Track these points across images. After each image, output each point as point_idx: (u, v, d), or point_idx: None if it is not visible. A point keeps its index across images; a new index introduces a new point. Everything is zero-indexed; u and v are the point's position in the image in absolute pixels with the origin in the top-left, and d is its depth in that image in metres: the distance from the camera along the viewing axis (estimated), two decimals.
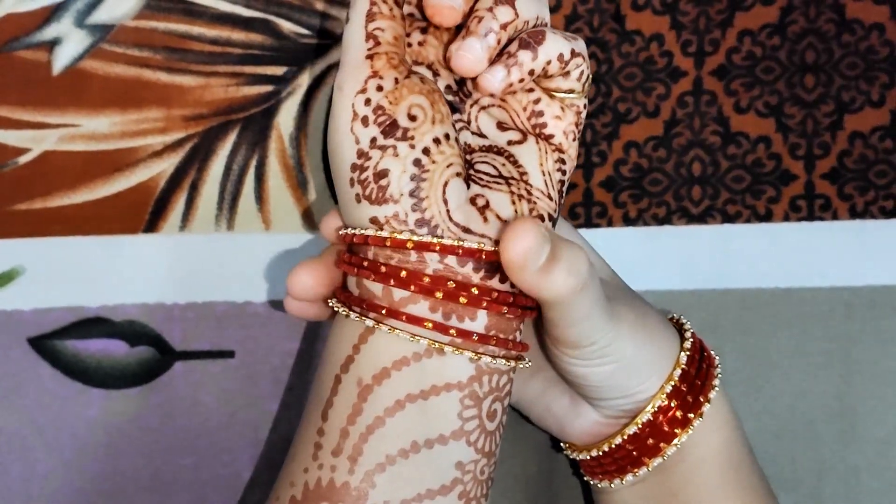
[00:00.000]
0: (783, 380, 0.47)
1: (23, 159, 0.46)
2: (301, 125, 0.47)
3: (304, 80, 0.47)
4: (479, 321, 0.33)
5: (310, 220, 0.47)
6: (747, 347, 0.47)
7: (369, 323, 0.33)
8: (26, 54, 0.45)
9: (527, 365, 0.35)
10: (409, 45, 0.35)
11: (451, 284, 0.32)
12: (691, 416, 0.37)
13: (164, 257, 0.46)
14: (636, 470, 0.38)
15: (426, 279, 0.32)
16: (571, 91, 0.36)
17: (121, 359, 0.46)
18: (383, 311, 0.33)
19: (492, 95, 0.35)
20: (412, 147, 0.33)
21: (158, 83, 0.46)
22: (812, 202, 0.48)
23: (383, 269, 0.33)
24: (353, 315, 0.34)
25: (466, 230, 0.33)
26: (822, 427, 0.47)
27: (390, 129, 0.33)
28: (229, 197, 0.47)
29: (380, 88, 0.33)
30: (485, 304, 0.33)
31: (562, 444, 0.42)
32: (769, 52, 0.48)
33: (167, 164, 0.46)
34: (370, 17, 0.33)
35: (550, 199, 0.35)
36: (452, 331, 0.33)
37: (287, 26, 0.47)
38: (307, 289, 0.37)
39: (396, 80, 0.33)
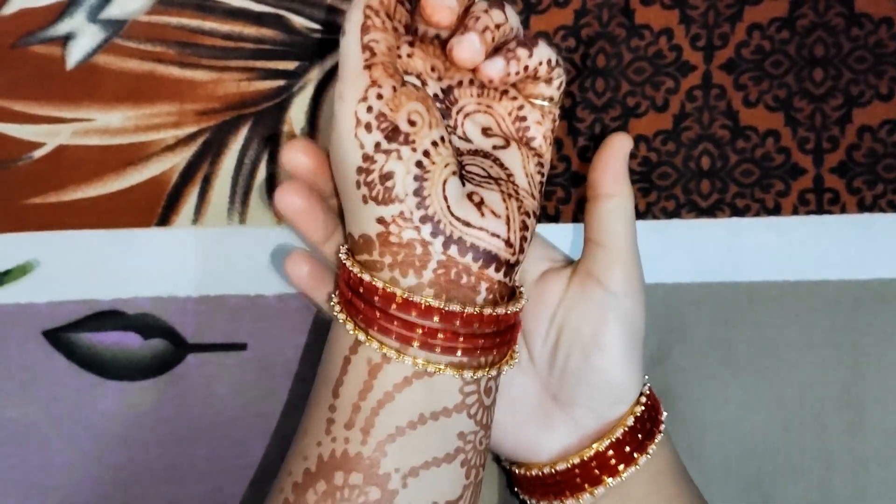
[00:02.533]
0: (792, 371, 0.47)
1: (37, 153, 0.46)
2: (312, 119, 0.47)
3: (315, 75, 0.47)
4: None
5: None
6: (756, 340, 0.47)
7: (361, 337, 0.36)
8: (40, 49, 0.46)
9: (516, 360, 0.38)
10: (399, 56, 0.38)
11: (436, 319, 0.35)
12: (637, 455, 0.40)
13: (177, 250, 0.46)
14: (579, 496, 0.40)
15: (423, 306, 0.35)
16: (551, 99, 0.39)
17: (135, 351, 0.46)
18: (378, 315, 0.36)
19: (490, 83, 0.38)
20: (414, 150, 0.35)
21: (171, 78, 0.46)
22: (821, 196, 0.48)
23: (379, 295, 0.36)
24: (349, 325, 0.37)
25: (466, 223, 0.36)
26: (830, 418, 0.47)
27: (393, 134, 0.35)
28: (241, 191, 0.47)
29: (380, 97, 0.35)
30: (462, 341, 0.36)
31: (504, 462, 0.43)
32: (778, 46, 0.48)
33: (180, 159, 0.47)
34: (365, 29, 0.35)
35: (534, 197, 0.38)
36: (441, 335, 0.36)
37: (298, 21, 0.47)
38: (301, 165, 0.39)
39: (394, 88, 0.35)
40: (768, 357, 0.47)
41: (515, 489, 0.44)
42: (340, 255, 0.37)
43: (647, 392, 0.41)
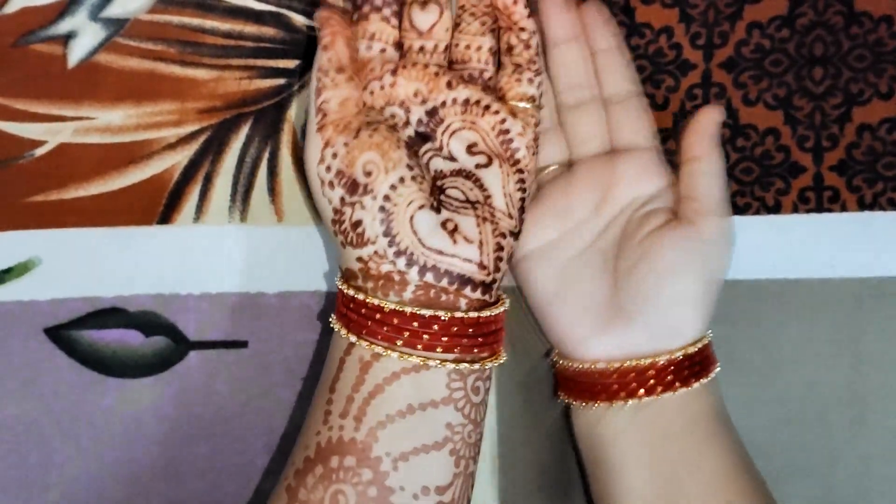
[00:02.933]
0: (793, 370, 0.47)
1: (39, 152, 0.46)
2: None
3: None
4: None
5: None
6: (757, 338, 0.47)
7: (353, 339, 0.40)
8: (41, 48, 0.46)
9: (501, 360, 0.41)
10: (382, 87, 0.41)
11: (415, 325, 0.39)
12: (677, 385, 0.42)
13: (179, 248, 0.46)
14: (612, 402, 0.42)
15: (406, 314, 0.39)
16: (532, 99, 0.41)
17: (136, 349, 0.46)
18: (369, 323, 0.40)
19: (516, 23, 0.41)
20: (374, 198, 0.39)
21: (172, 76, 0.46)
22: (821, 194, 0.48)
23: (365, 310, 0.40)
24: (349, 335, 0.40)
25: (439, 252, 0.39)
26: (832, 416, 0.47)
27: (352, 187, 0.39)
28: (242, 189, 0.47)
29: (335, 155, 0.39)
30: (445, 341, 0.39)
31: (554, 359, 0.45)
32: (778, 45, 0.48)
33: (181, 157, 0.47)
34: (317, 92, 0.40)
35: (510, 217, 0.40)
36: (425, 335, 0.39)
37: (299, 19, 0.47)
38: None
39: (346, 144, 0.39)
40: (769, 355, 0.47)
41: (557, 392, 0.45)
42: (337, 282, 0.41)
43: (706, 342, 0.43)
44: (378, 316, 0.39)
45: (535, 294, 0.44)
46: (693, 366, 0.42)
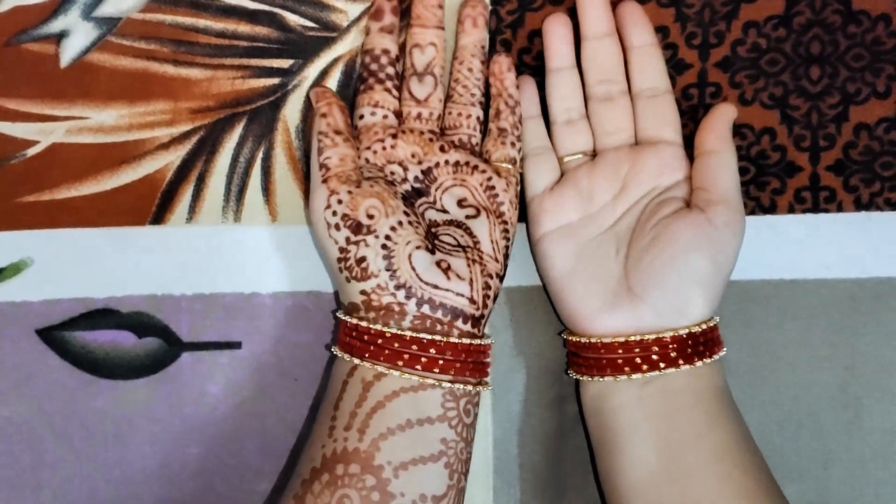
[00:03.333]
0: (788, 371, 0.47)
1: (31, 151, 0.46)
2: (307, 117, 0.47)
3: (309, 73, 0.47)
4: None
5: None
6: (752, 339, 0.47)
7: (357, 361, 0.43)
8: (34, 47, 0.46)
9: (489, 387, 0.45)
10: (384, 148, 0.45)
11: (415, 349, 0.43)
12: (681, 362, 0.43)
13: (172, 249, 0.46)
14: (617, 376, 0.44)
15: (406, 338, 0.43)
16: (514, 161, 0.46)
17: (129, 350, 0.46)
18: (367, 353, 0.43)
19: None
20: (377, 237, 0.43)
21: (165, 76, 0.46)
22: (817, 194, 0.48)
23: (367, 338, 0.43)
24: (355, 359, 0.43)
25: (435, 286, 0.43)
26: (827, 418, 0.47)
27: (357, 228, 0.43)
28: (236, 189, 0.47)
29: (340, 202, 0.43)
30: (441, 363, 0.43)
31: (564, 336, 0.46)
32: (774, 44, 0.48)
33: (174, 157, 0.46)
34: (319, 151, 0.44)
35: (496, 260, 0.45)
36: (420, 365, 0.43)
37: (293, 19, 0.47)
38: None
39: (350, 192, 0.44)
40: (764, 356, 0.47)
41: (567, 369, 0.47)
42: (339, 314, 0.44)
43: (712, 325, 0.44)
44: (380, 341, 0.42)
45: (552, 269, 0.46)
46: (697, 345, 0.43)
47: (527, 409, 0.47)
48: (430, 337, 0.42)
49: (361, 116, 0.46)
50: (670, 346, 0.43)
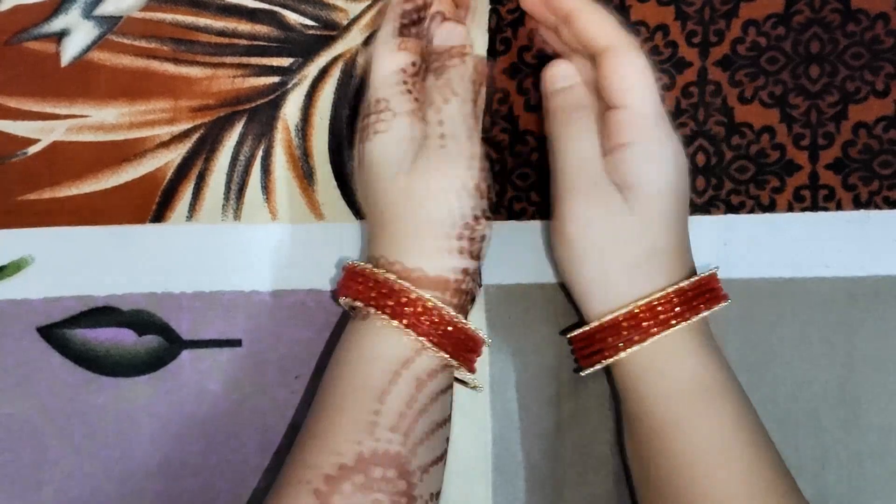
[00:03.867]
0: (786, 368, 0.47)
1: (32, 150, 0.46)
2: (307, 116, 0.47)
3: (310, 72, 0.47)
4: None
5: (315, 209, 0.47)
6: (750, 336, 0.47)
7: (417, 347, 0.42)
8: (35, 45, 0.46)
9: (479, 389, 0.46)
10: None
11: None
12: (674, 322, 0.42)
13: (172, 247, 0.46)
14: (617, 354, 0.42)
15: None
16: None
17: (129, 347, 0.46)
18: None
19: None
20: (490, 226, 0.42)
21: (166, 74, 0.46)
22: (816, 192, 0.48)
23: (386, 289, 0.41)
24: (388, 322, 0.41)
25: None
26: (824, 415, 0.47)
27: (490, 211, 0.42)
28: (236, 187, 0.47)
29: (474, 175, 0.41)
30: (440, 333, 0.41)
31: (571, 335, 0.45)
32: (774, 43, 0.48)
33: (174, 155, 0.47)
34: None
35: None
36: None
37: (293, 17, 0.47)
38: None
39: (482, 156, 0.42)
40: (763, 354, 0.47)
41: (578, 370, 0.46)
42: (421, 293, 0.41)
43: (711, 274, 0.42)
44: (462, 336, 0.41)
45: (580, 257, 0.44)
46: (690, 300, 0.42)
47: (525, 406, 0.48)
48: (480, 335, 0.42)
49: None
50: (653, 308, 0.42)
